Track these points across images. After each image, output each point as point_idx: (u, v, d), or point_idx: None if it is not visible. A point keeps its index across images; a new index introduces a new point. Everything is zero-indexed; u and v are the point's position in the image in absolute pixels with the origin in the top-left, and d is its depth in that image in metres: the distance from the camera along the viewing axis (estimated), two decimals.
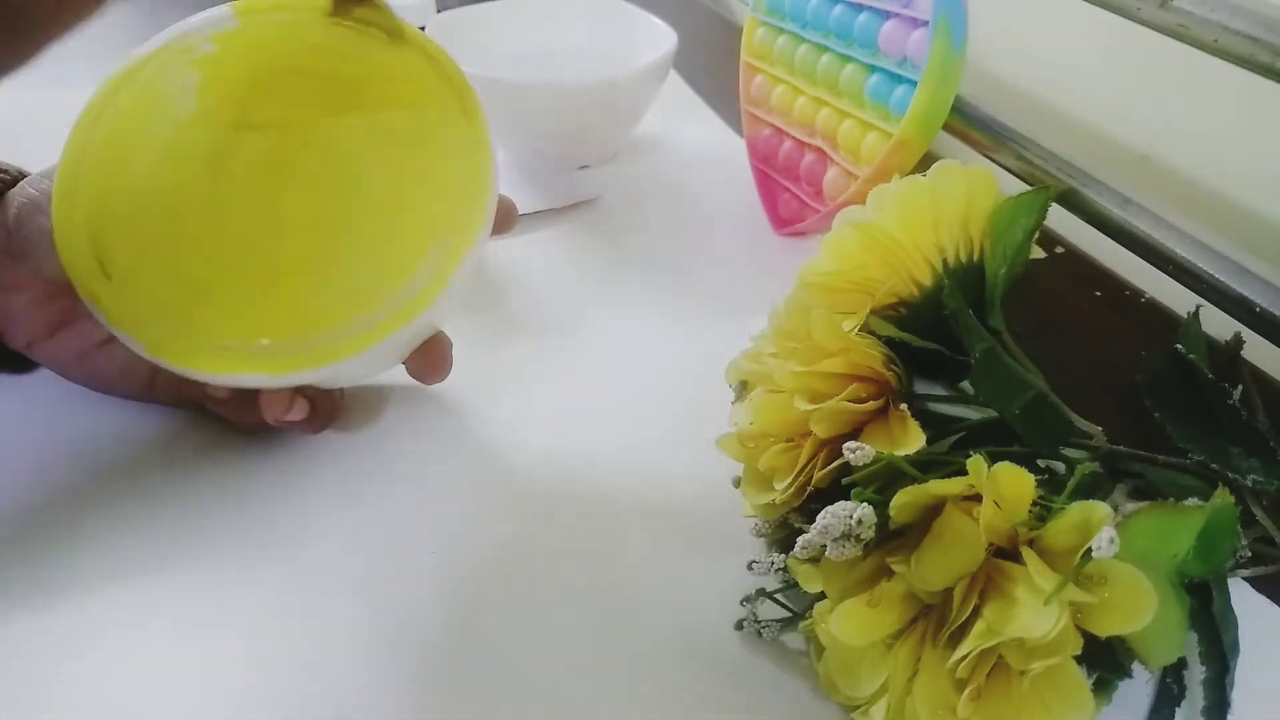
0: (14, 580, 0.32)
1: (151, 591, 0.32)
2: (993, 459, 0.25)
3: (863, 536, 0.26)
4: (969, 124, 0.55)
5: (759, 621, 0.31)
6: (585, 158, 0.60)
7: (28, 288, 0.34)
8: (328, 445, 0.38)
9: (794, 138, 0.54)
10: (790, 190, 0.54)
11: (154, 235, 0.31)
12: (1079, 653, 0.23)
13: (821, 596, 0.28)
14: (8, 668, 0.29)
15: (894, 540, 0.27)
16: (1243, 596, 0.32)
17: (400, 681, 0.30)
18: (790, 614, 0.31)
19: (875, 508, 0.26)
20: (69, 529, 0.34)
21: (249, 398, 0.34)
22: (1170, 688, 0.28)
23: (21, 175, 0.35)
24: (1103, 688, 0.25)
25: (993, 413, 0.32)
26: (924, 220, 0.33)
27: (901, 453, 0.28)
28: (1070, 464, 0.31)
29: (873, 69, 0.47)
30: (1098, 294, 0.50)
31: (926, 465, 0.28)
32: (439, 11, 0.63)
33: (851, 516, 0.26)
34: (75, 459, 0.37)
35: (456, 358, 0.35)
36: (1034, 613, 0.23)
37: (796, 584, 0.30)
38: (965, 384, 0.35)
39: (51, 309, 0.35)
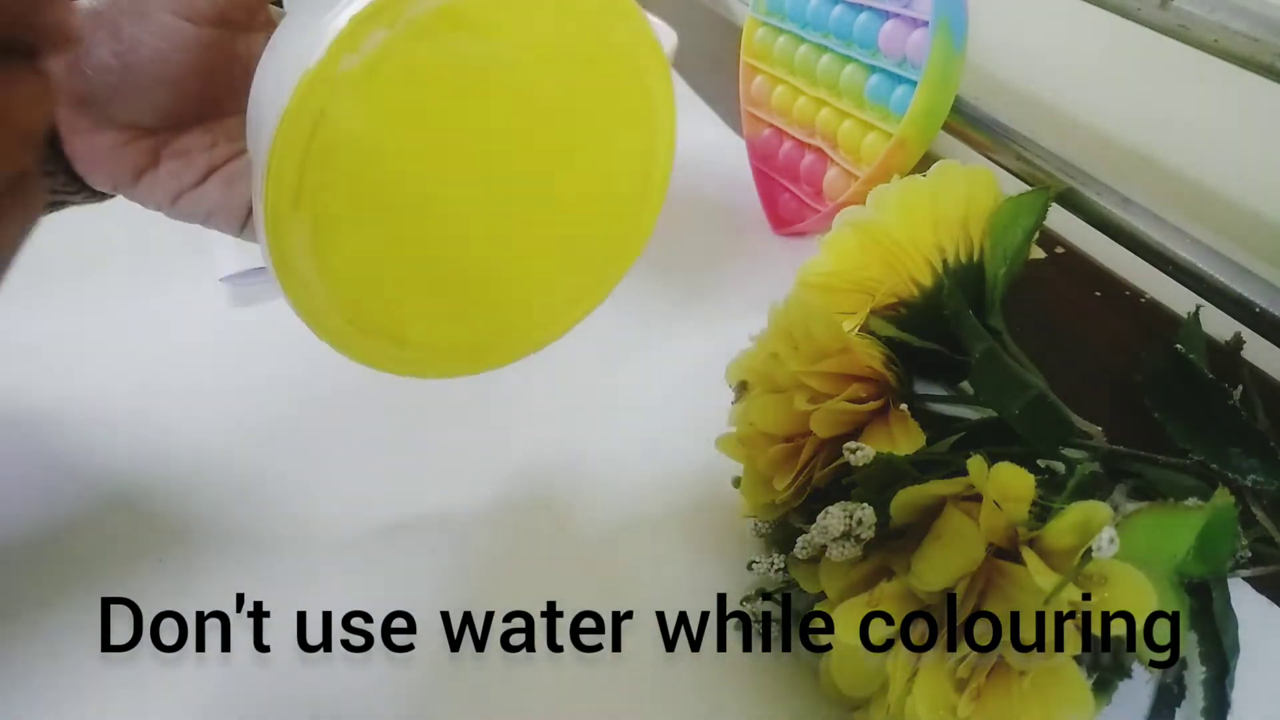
0: None
1: (148, 589, 0.32)
2: (993, 459, 0.25)
3: (863, 536, 0.26)
4: (969, 124, 0.55)
5: (759, 621, 0.31)
6: None
7: (109, 130, 0.31)
8: (327, 446, 0.38)
9: (794, 138, 0.54)
10: (790, 190, 0.54)
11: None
12: (1079, 653, 0.23)
13: (821, 596, 0.28)
14: None
15: (894, 540, 0.27)
16: (1243, 596, 0.32)
17: (401, 683, 0.30)
18: (790, 614, 0.31)
19: (875, 508, 0.26)
20: (69, 520, 0.34)
21: None
22: (1170, 688, 0.28)
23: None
24: (1103, 688, 0.25)
25: (993, 413, 0.32)
26: (924, 220, 0.33)
27: (901, 453, 0.28)
28: (1070, 464, 0.31)
29: (873, 69, 0.47)
30: (1098, 294, 0.50)
31: (926, 465, 0.28)
32: None
33: (851, 516, 0.26)
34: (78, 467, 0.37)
35: None
36: (1034, 613, 0.23)
37: (796, 584, 0.30)
38: (965, 384, 0.35)
39: (136, 151, 0.32)
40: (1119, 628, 0.23)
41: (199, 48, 0.30)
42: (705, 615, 0.32)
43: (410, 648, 0.31)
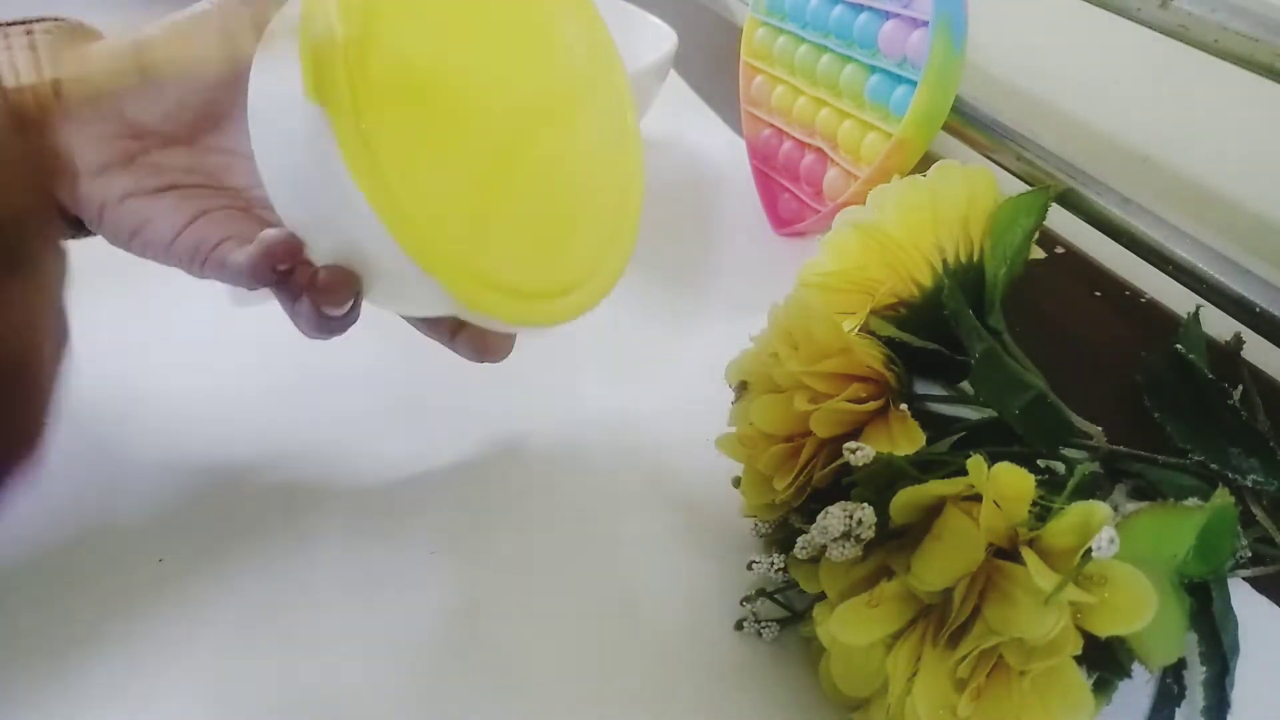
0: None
1: (148, 588, 0.32)
2: (993, 459, 0.25)
3: (863, 536, 0.26)
4: (969, 124, 0.55)
5: (759, 621, 0.31)
6: None
7: (106, 121, 0.31)
8: (327, 445, 0.38)
9: (794, 138, 0.54)
10: (790, 190, 0.54)
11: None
12: (1079, 653, 0.23)
13: (821, 596, 0.28)
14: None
15: (894, 540, 0.27)
16: (1243, 596, 0.32)
17: (400, 681, 0.30)
18: (790, 614, 0.31)
19: (875, 508, 0.26)
20: (69, 520, 0.34)
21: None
22: (1170, 688, 0.28)
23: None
24: (1103, 688, 0.25)
25: (993, 413, 0.32)
26: (924, 220, 0.33)
27: (901, 453, 0.28)
28: (1070, 464, 0.31)
29: (873, 69, 0.47)
30: (1098, 294, 0.50)
31: (926, 465, 0.28)
32: None
33: (851, 516, 0.26)
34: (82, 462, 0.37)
35: (454, 356, 0.34)
36: (1034, 613, 0.23)
37: (796, 584, 0.30)
38: (965, 384, 0.35)
39: (116, 148, 0.32)
40: (1119, 627, 0.23)
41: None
42: (705, 615, 0.32)
43: (410, 648, 0.31)
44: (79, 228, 0.34)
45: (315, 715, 0.29)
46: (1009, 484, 0.25)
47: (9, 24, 0.32)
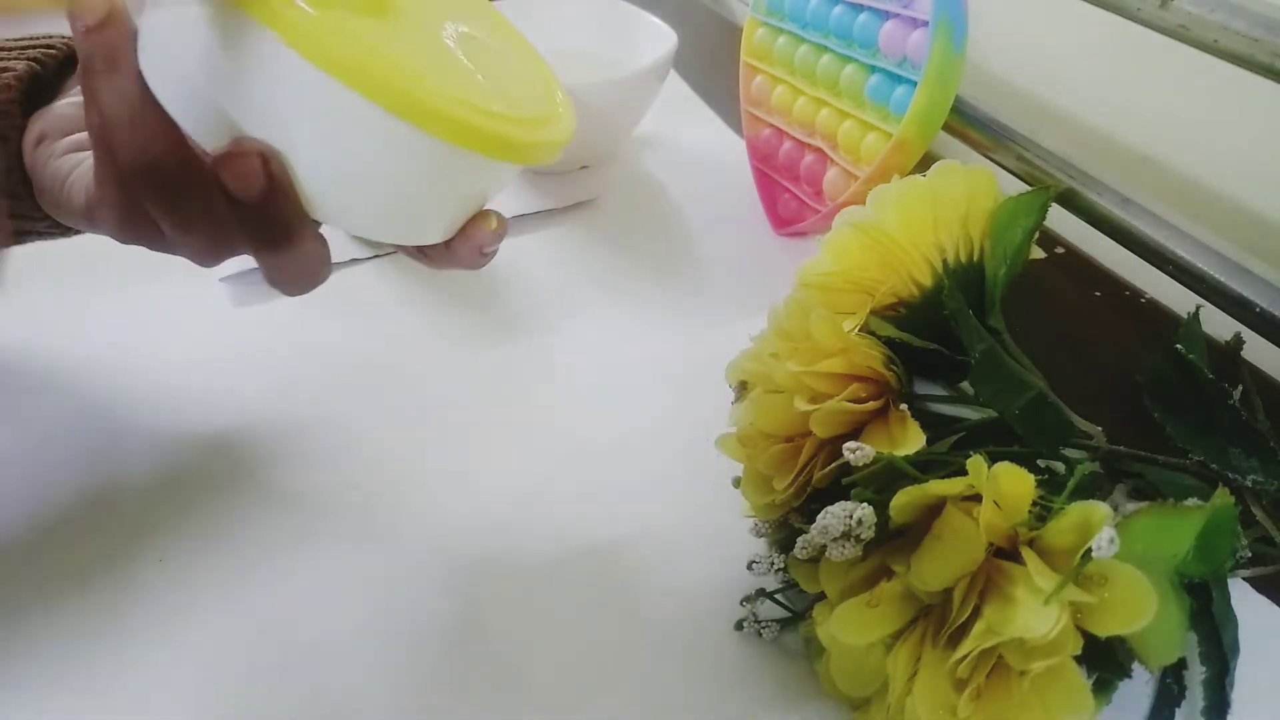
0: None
1: (148, 588, 0.32)
2: (993, 459, 0.25)
3: (863, 536, 0.26)
4: (969, 124, 0.55)
5: (759, 621, 0.31)
6: (585, 158, 0.59)
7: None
8: (328, 442, 0.38)
9: (794, 138, 0.54)
10: (790, 190, 0.54)
11: None
12: (1079, 653, 0.23)
13: (821, 596, 0.28)
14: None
15: (894, 540, 0.27)
16: (1243, 596, 0.32)
17: (400, 681, 0.30)
18: (790, 614, 0.31)
19: (875, 508, 0.26)
20: (70, 520, 0.34)
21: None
22: (1170, 688, 0.28)
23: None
24: (1103, 688, 0.25)
25: (993, 413, 0.32)
26: (924, 220, 0.33)
27: (901, 453, 0.28)
28: (1070, 464, 0.31)
29: (873, 69, 0.47)
30: (1098, 294, 0.50)
31: (926, 465, 0.28)
32: None
33: (851, 516, 0.26)
34: (75, 455, 0.37)
35: (455, 357, 0.34)
36: (1034, 613, 0.23)
37: (796, 584, 0.30)
38: (965, 384, 0.35)
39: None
40: (1119, 627, 0.23)
41: None
42: (705, 615, 0.32)
43: (410, 648, 0.31)
44: (57, 227, 0.33)
45: (315, 715, 0.29)
46: (1009, 484, 0.25)
47: (14, 42, 0.31)
